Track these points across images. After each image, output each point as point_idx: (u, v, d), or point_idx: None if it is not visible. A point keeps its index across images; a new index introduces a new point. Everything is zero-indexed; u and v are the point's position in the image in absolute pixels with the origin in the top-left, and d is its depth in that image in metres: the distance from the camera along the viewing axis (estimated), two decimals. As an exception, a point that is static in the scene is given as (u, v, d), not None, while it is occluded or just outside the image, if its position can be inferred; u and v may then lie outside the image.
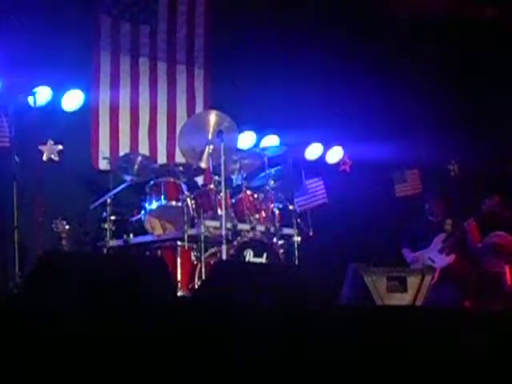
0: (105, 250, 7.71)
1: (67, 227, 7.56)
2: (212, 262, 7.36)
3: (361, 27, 9.86)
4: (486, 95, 10.23)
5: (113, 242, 7.74)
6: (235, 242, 7.47)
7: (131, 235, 7.76)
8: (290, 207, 8.18)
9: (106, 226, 7.74)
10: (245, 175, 8.04)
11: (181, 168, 7.87)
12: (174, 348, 3.96)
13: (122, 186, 7.98)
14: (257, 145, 9.22)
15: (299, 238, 7.95)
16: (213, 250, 7.55)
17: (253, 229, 7.65)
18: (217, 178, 7.67)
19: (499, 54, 10.16)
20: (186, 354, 3.97)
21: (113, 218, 7.78)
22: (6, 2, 7.90)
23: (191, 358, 3.98)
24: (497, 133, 10.10)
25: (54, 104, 8.23)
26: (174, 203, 7.69)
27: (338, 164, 10.11)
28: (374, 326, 4.59)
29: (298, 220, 8.13)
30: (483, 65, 10.23)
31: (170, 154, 9.01)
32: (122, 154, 8.45)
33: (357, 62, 9.68)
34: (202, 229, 7.39)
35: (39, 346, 3.64)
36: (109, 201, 7.80)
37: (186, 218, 7.46)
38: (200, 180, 8.74)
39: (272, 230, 7.78)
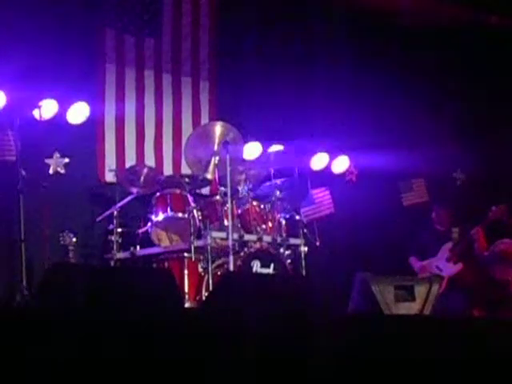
0: (112, 263, 7.72)
1: (74, 240, 7.56)
2: (219, 273, 7.36)
3: (366, 37, 9.87)
4: (491, 104, 10.23)
5: (120, 255, 7.74)
6: (242, 253, 7.47)
7: (138, 247, 7.76)
8: (297, 217, 8.17)
9: (113, 238, 7.74)
10: (251, 186, 8.04)
11: (187, 179, 7.88)
12: (182, 359, 3.95)
13: (129, 198, 7.99)
14: (263, 155, 9.20)
15: (306, 248, 7.95)
16: (220, 261, 7.54)
17: (259, 239, 7.64)
18: (223, 188, 7.67)
19: (503, 63, 10.17)
20: (194, 365, 3.97)
21: (119, 230, 7.79)
22: (9, 15, 7.93)
23: (199, 369, 3.98)
24: (502, 141, 10.09)
25: (60, 117, 8.22)
26: (180, 215, 7.69)
27: (344, 174, 10.09)
28: (382, 335, 4.59)
29: (305, 230, 8.12)
30: (488, 74, 10.23)
31: (176, 166, 9.01)
32: (127, 166, 8.46)
33: (362, 71, 9.68)
34: (209, 240, 7.38)
35: (46, 358, 3.64)
36: (115, 213, 7.80)
37: (192, 230, 7.46)
38: (206, 191, 8.74)
39: (279, 240, 7.78)
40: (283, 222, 7.98)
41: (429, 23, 9.86)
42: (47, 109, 7.94)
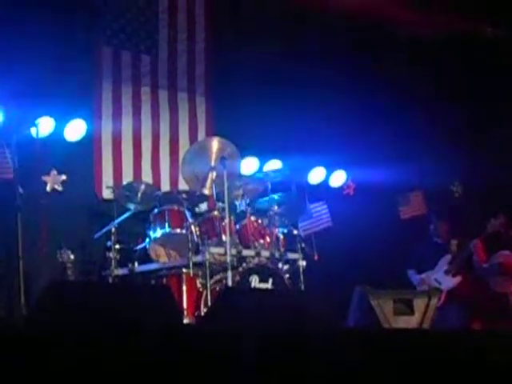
0: (110, 279, 7.70)
1: (72, 257, 7.55)
2: (218, 289, 7.35)
3: (362, 51, 9.89)
4: (489, 116, 10.24)
5: (118, 271, 7.73)
6: (240, 268, 7.46)
7: (136, 264, 7.76)
8: (295, 232, 8.18)
9: (111, 254, 7.74)
10: (248, 201, 8.04)
11: (184, 195, 7.88)
12: (181, 376, 3.94)
13: (126, 215, 7.99)
14: (260, 170, 9.22)
15: (304, 263, 7.95)
16: (218, 276, 7.54)
17: (258, 254, 7.64)
18: (220, 204, 7.68)
19: (500, 73, 10.18)
20: (193, 381, 3.95)
21: (117, 246, 7.78)
22: (7, 34, 7.95)
23: (198, 385, 3.97)
24: (500, 153, 10.10)
25: (57, 134, 8.26)
26: (178, 230, 7.69)
27: (341, 187, 10.10)
28: (381, 349, 4.57)
29: (303, 244, 8.13)
30: (485, 85, 10.25)
31: (173, 182, 9.02)
32: (125, 182, 8.46)
33: (359, 86, 9.70)
34: (207, 255, 7.38)
35: (44, 376, 3.63)
36: (113, 230, 7.80)
37: (190, 245, 7.47)
38: (204, 207, 8.73)
39: (277, 255, 7.77)
40: (281, 236, 7.98)
41: (425, 34, 9.87)
42: (44, 126, 7.97)
